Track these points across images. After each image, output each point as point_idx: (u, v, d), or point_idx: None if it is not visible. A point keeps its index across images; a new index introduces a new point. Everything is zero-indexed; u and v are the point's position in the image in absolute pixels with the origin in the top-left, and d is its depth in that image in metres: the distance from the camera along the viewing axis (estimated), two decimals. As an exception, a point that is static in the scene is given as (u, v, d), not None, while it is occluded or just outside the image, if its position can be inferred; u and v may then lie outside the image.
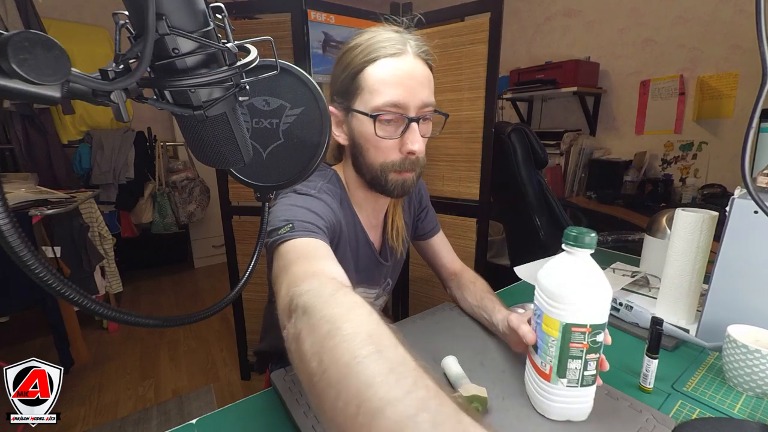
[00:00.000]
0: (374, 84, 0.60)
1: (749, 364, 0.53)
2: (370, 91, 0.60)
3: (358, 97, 0.62)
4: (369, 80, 0.60)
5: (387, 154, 0.63)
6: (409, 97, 0.60)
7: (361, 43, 0.61)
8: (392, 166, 0.64)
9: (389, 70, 0.60)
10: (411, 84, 0.60)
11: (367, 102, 0.61)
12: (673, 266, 0.74)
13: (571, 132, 2.53)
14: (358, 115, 0.62)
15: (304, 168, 0.43)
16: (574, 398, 0.48)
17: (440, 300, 0.84)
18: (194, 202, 2.89)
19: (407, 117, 0.61)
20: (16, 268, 0.21)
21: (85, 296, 0.23)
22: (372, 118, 0.60)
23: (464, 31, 1.35)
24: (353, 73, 0.61)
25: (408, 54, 0.61)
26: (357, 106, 0.62)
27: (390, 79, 0.60)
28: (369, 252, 0.74)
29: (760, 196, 0.40)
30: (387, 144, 0.62)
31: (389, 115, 0.60)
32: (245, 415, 0.54)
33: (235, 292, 0.37)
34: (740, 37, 1.89)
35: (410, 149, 0.62)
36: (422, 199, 0.89)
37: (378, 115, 0.60)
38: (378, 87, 0.60)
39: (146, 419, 1.54)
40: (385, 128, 0.61)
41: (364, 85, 0.61)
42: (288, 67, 0.41)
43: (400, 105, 0.60)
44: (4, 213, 0.19)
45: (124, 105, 0.25)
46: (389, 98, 0.59)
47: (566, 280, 0.46)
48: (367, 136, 0.62)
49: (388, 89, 0.59)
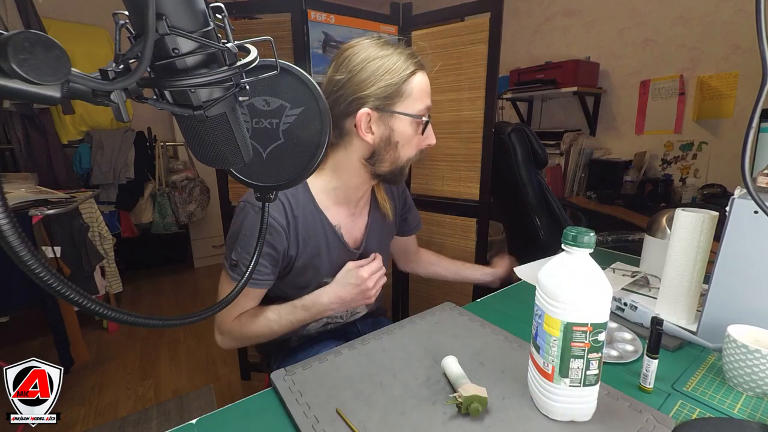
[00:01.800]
0: (418, 93, 0.71)
1: (749, 364, 0.53)
2: (413, 98, 0.71)
3: (403, 102, 0.71)
4: (414, 88, 0.71)
5: (412, 150, 0.76)
6: (430, 103, 0.75)
7: (393, 54, 0.70)
8: (411, 160, 0.77)
9: (424, 81, 0.72)
10: (430, 92, 0.74)
11: (412, 107, 0.71)
12: (673, 266, 0.74)
13: (571, 132, 2.53)
14: (400, 116, 0.71)
15: (304, 168, 0.43)
16: (577, 398, 0.48)
17: (440, 300, 0.84)
18: (194, 202, 2.89)
19: (426, 119, 0.74)
20: (16, 268, 0.21)
21: (85, 296, 0.23)
22: (417, 119, 0.72)
23: (464, 31, 1.35)
24: (399, 81, 0.70)
25: (426, 68, 0.74)
26: (400, 109, 0.71)
27: (426, 89, 0.73)
28: (340, 246, 0.80)
29: (760, 196, 0.40)
30: (416, 141, 0.75)
31: (425, 118, 0.73)
32: (245, 415, 0.54)
33: (235, 292, 0.37)
34: (740, 37, 1.89)
35: (430, 143, 0.76)
36: (406, 199, 0.99)
37: (422, 118, 0.73)
38: (420, 95, 0.72)
39: (146, 419, 1.54)
40: (417, 128, 0.74)
41: (409, 92, 0.70)
42: (288, 67, 0.41)
43: (429, 109, 0.74)
44: (4, 213, 0.19)
45: (124, 105, 0.25)
46: (427, 103, 0.73)
47: (566, 279, 0.46)
48: (406, 135, 0.73)
49: (426, 97, 0.73)
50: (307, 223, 0.75)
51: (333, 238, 0.78)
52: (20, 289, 1.53)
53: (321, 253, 0.77)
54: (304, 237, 0.75)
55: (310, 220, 0.75)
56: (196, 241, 3.21)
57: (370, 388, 0.55)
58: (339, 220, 0.80)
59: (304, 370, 0.60)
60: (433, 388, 0.55)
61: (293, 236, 0.74)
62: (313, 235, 0.76)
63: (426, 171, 1.57)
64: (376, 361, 0.62)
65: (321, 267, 0.78)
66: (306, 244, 0.75)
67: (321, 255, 0.77)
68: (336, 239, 0.79)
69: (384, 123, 0.71)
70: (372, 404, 0.52)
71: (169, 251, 3.24)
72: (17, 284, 1.51)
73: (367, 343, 0.68)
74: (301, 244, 0.75)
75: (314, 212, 0.76)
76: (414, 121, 0.72)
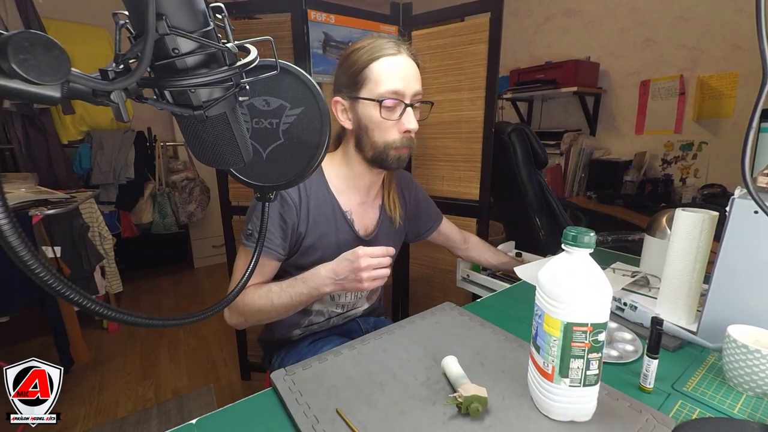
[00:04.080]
0: (378, 76, 0.73)
1: (749, 364, 0.53)
2: (375, 81, 0.73)
3: (365, 87, 0.74)
4: (374, 73, 0.73)
5: (388, 134, 0.76)
6: (405, 86, 0.74)
7: (365, 45, 0.75)
8: (392, 144, 0.77)
9: (390, 65, 0.74)
10: (406, 76, 0.74)
11: (372, 90, 0.74)
12: (673, 266, 0.74)
13: (571, 132, 2.53)
14: (365, 101, 0.74)
15: (304, 168, 0.43)
16: (577, 398, 0.48)
17: (440, 300, 0.84)
18: (194, 202, 2.89)
19: (404, 102, 0.75)
20: (16, 268, 0.21)
21: (85, 296, 0.23)
22: (378, 102, 0.73)
23: (464, 31, 1.35)
24: (361, 68, 0.74)
25: (403, 54, 0.75)
26: (364, 95, 0.74)
27: (391, 72, 0.73)
28: (349, 232, 0.83)
29: (760, 196, 0.40)
30: (388, 125, 0.75)
31: (390, 101, 0.74)
32: (245, 415, 0.54)
33: (235, 292, 0.37)
34: (740, 37, 1.89)
35: (407, 128, 0.76)
36: (419, 202, 1.01)
37: (383, 100, 0.73)
38: (382, 78, 0.73)
39: (146, 419, 1.54)
40: (387, 112, 0.74)
41: (370, 77, 0.74)
42: (288, 67, 0.41)
43: (398, 92, 0.74)
44: (4, 213, 0.19)
45: (124, 105, 0.25)
46: (390, 87, 0.73)
47: (566, 279, 0.46)
48: (373, 119, 0.75)
49: (389, 80, 0.73)
50: (318, 203, 0.78)
51: (342, 222, 0.81)
52: (20, 289, 1.53)
53: (329, 234, 0.79)
54: (315, 216, 0.77)
55: (322, 201, 0.79)
56: (196, 241, 3.21)
57: (370, 388, 0.55)
58: (350, 207, 0.83)
59: (304, 370, 0.60)
60: (433, 388, 0.55)
61: (304, 213, 0.76)
62: (323, 216, 0.78)
63: (426, 171, 1.57)
64: (376, 361, 0.62)
65: (329, 249, 0.79)
66: (315, 224, 0.78)
67: (329, 236, 0.79)
68: (345, 224, 0.81)
69: (354, 109, 0.77)
70: (372, 404, 0.52)
71: (169, 251, 3.24)
72: (17, 284, 1.51)
73: (367, 343, 0.68)
74: (311, 222, 0.77)
75: (326, 195, 0.80)
76: (377, 105, 0.73)
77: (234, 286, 0.38)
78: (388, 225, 0.90)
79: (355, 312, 0.92)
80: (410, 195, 0.99)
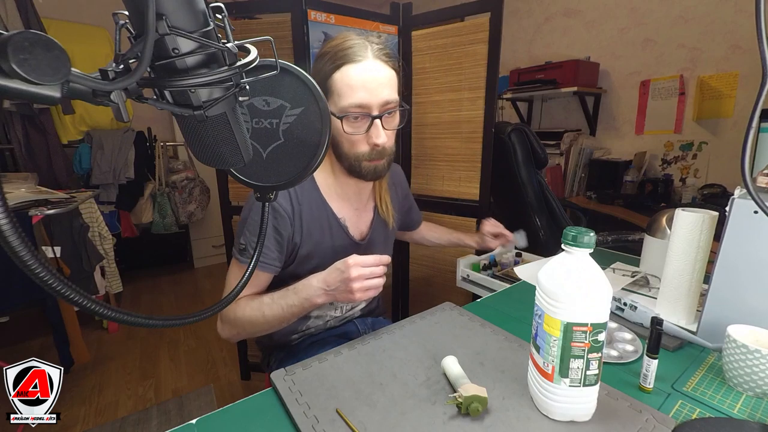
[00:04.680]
0: (341, 88, 0.68)
1: (749, 364, 0.53)
2: (338, 94, 0.69)
3: (330, 99, 0.70)
4: (336, 85, 0.69)
5: (357, 147, 0.72)
6: (371, 97, 0.68)
7: (329, 51, 0.70)
8: (363, 156, 0.73)
9: (353, 75, 0.68)
10: (372, 86, 0.68)
11: (336, 104, 0.69)
12: (673, 266, 0.74)
13: (571, 132, 2.53)
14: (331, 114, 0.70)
15: (304, 168, 0.43)
16: (577, 398, 0.48)
17: (440, 300, 0.84)
18: (194, 202, 2.89)
19: (371, 115, 0.69)
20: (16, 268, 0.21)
21: (85, 296, 0.23)
22: (339, 118, 0.69)
23: (464, 31, 1.35)
24: (323, 79, 0.70)
25: (368, 58, 0.68)
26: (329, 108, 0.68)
27: (353, 83, 0.68)
28: (344, 237, 0.81)
29: (760, 196, 0.40)
30: (356, 138, 0.71)
31: (354, 115, 0.69)
32: (245, 415, 0.54)
33: (235, 292, 0.37)
34: (740, 37, 1.89)
35: (375, 143, 0.71)
36: (408, 196, 1.02)
37: (344, 116, 0.69)
38: (344, 91, 0.68)
39: (146, 419, 1.54)
40: (352, 125, 0.70)
41: (333, 89, 0.69)
42: (288, 67, 0.41)
43: (363, 105, 0.68)
44: (4, 213, 0.19)
45: (124, 105, 0.25)
46: (353, 100, 0.68)
47: (566, 279, 0.46)
48: (340, 132, 0.71)
49: (352, 92, 0.68)
50: (311, 211, 0.76)
51: (337, 229, 0.80)
52: (20, 289, 1.53)
53: (325, 241, 0.78)
54: (308, 225, 0.76)
55: (315, 209, 0.77)
56: (196, 241, 3.21)
57: (370, 388, 0.55)
58: (344, 214, 0.81)
59: (304, 370, 0.60)
60: (433, 388, 0.55)
61: (297, 222, 0.75)
62: (317, 224, 0.77)
63: (426, 171, 1.57)
64: (376, 361, 0.62)
65: (326, 256, 0.78)
66: (310, 233, 0.76)
67: (325, 243, 0.78)
68: (340, 230, 0.80)
69: None
70: (372, 404, 0.52)
71: (169, 251, 3.24)
72: (17, 284, 1.51)
73: (367, 343, 0.68)
74: (305, 231, 0.76)
75: (318, 202, 0.78)
76: (341, 119, 0.69)
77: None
78: (383, 227, 0.90)
79: (353, 313, 0.92)
80: (402, 189, 0.99)
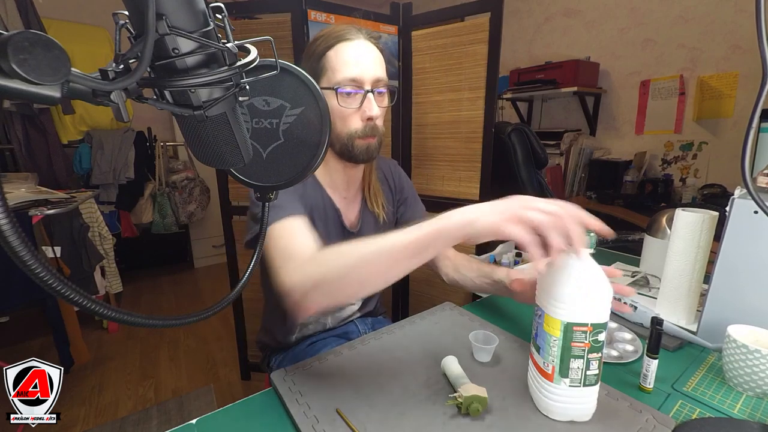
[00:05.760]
0: (335, 64, 0.71)
1: (749, 364, 0.53)
2: (332, 70, 0.71)
3: (324, 76, 0.72)
4: (330, 61, 0.71)
5: (350, 124, 0.74)
6: (364, 72, 0.71)
7: (323, 34, 0.73)
8: (356, 133, 0.74)
9: (346, 52, 0.71)
10: (365, 62, 0.71)
11: (330, 79, 0.72)
12: (673, 266, 0.74)
13: (571, 132, 2.53)
14: (324, 91, 0.71)
15: (305, 168, 0.43)
16: (577, 398, 0.48)
17: (440, 300, 0.84)
18: (194, 202, 2.89)
19: (364, 89, 0.72)
20: (16, 268, 0.21)
21: (85, 296, 0.23)
22: (334, 90, 0.71)
23: (464, 31, 1.35)
24: (318, 57, 0.72)
25: (361, 38, 0.72)
26: (323, 85, 0.72)
27: (347, 59, 0.71)
28: (338, 223, 0.82)
29: (760, 196, 0.40)
30: (349, 113, 0.73)
31: (348, 88, 0.71)
32: (245, 415, 0.54)
33: (235, 293, 0.37)
34: (740, 37, 1.89)
35: (369, 115, 0.72)
36: (403, 189, 0.95)
37: (338, 89, 0.71)
38: (338, 66, 0.71)
39: (146, 419, 1.54)
40: (345, 100, 0.72)
41: (327, 65, 0.72)
42: (288, 67, 0.41)
43: (356, 80, 0.71)
44: (4, 213, 0.19)
45: (124, 105, 0.25)
46: (347, 74, 0.70)
47: (566, 279, 0.46)
48: (333, 109, 0.72)
49: (346, 67, 0.70)
50: (314, 192, 0.79)
51: (332, 214, 0.81)
52: (20, 289, 1.53)
53: (319, 226, 0.77)
54: (311, 206, 0.77)
55: (313, 190, 0.79)
56: (196, 241, 3.21)
57: (370, 388, 0.55)
58: (336, 202, 0.82)
59: (304, 370, 0.60)
60: (433, 388, 0.55)
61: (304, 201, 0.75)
62: (316, 204, 0.78)
63: (426, 171, 1.57)
64: (376, 361, 0.62)
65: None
66: (311, 215, 0.75)
67: (319, 228, 0.76)
68: (335, 216, 0.81)
69: None
70: (372, 404, 0.52)
71: (169, 251, 3.24)
72: (17, 284, 1.51)
73: (367, 343, 0.68)
74: (307, 211, 0.74)
75: (315, 185, 0.80)
76: (335, 93, 0.71)
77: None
78: (373, 220, 0.88)
79: (351, 309, 0.91)
80: (395, 182, 0.94)
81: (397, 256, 0.50)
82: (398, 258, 0.51)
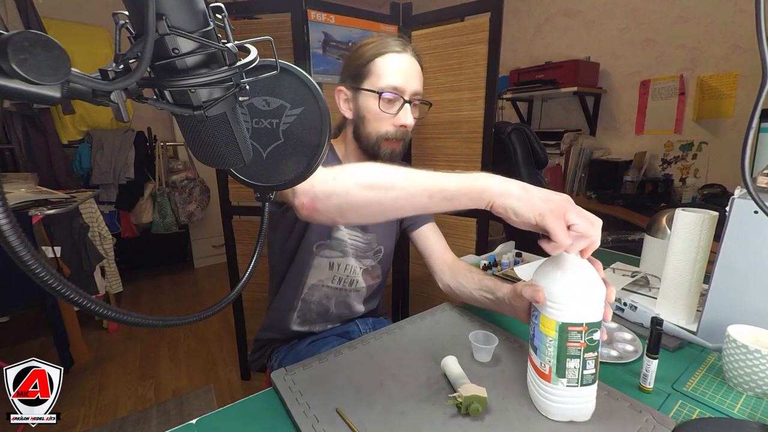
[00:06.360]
0: (382, 70, 0.78)
1: (749, 364, 0.53)
2: (378, 75, 0.78)
3: (368, 79, 0.79)
4: (378, 67, 0.78)
5: (381, 125, 0.80)
6: (406, 84, 0.78)
7: (374, 41, 0.80)
8: (385, 136, 0.80)
9: (394, 62, 0.78)
10: (408, 75, 0.79)
11: (374, 83, 0.79)
12: (673, 266, 0.74)
13: (571, 132, 2.53)
14: (366, 92, 0.79)
15: (305, 168, 0.43)
16: (575, 398, 0.48)
17: (440, 300, 0.84)
18: (194, 202, 2.89)
19: (403, 99, 0.79)
20: (16, 268, 0.21)
21: (85, 296, 0.23)
22: (378, 94, 0.78)
23: (464, 31, 1.35)
24: (366, 61, 0.79)
25: (408, 53, 0.80)
26: (366, 86, 0.79)
27: (393, 68, 0.78)
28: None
29: (760, 196, 0.40)
30: (384, 117, 0.79)
31: (390, 95, 0.78)
32: (245, 415, 0.54)
33: (235, 293, 0.37)
34: (740, 37, 1.89)
35: (404, 123, 0.79)
36: None
37: (382, 93, 0.78)
38: (384, 72, 0.78)
39: (146, 419, 1.54)
40: (386, 104, 0.79)
41: (374, 70, 0.78)
42: (288, 67, 0.41)
43: (398, 88, 0.78)
44: (4, 213, 0.19)
45: (124, 105, 0.25)
46: (391, 82, 0.78)
47: (561, 279, 0.46)
48: (371, 110, 0.79)
49: (391, 75, 0.78)
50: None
51: None
52: (20, 289, 1.53)
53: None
54: None
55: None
56: (196, 241, 3.21)
57: (370, 388, 0.55)
58: None
59: (304, 370, 0.60)
60: (433, 388, 0.55)
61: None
62: None
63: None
64: (376, 361, 0.62)
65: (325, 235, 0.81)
66: None
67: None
68: None
69: (355, 100, 0.82)
70: (372, 404, 0.52)
71: (169, 251, 3.24)
72: (17, 284, 1.51)
73: (367, 343, 0.68)
74: None
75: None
76: (377, 97, 0.78)
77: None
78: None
79: (359, 309, 0.92)
80: None
81: (430, 193, 0.50)
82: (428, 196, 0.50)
